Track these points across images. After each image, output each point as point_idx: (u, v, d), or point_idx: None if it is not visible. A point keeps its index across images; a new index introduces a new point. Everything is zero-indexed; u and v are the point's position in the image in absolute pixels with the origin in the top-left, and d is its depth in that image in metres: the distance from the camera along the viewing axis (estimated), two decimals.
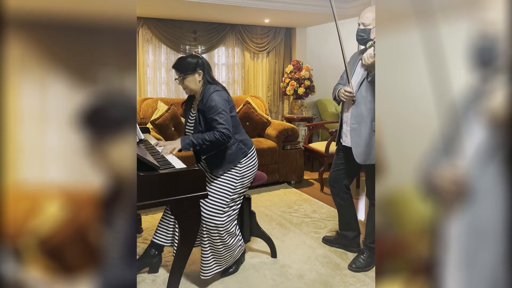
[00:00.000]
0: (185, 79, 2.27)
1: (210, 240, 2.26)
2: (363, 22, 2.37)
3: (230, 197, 2.29)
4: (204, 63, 2.31)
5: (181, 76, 2.27)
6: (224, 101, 2.24)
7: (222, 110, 2.20)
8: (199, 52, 4.87)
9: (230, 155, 2.30)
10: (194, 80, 2.28)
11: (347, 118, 2.48)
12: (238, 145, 2.33)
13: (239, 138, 2.35)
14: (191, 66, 2.26)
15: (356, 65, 2.47)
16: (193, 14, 4.39)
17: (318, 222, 3.33)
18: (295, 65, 5.14)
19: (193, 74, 2.27)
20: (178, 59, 2.32)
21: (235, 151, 2.32)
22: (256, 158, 2.44)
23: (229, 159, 2.30)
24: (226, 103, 2.26)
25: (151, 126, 3.97)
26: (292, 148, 4.39)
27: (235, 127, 2.34)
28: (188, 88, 2.31)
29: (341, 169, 2.66)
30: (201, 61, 2.30)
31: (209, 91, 2.25)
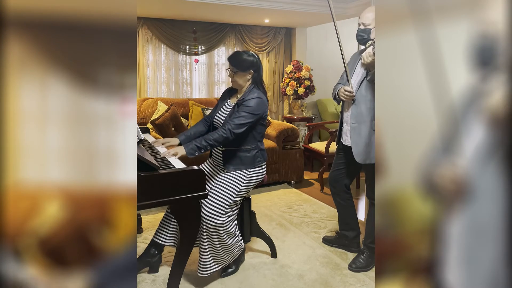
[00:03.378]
0: (236, 74, 2.31)
1: (209, 239, 2.26)
2: (363, 22, 2.37)
3: (233, 199, 2.30)
4: (258, 64, 2.34)
5: (234, 70, 2.30)
6: (262, 109, 2.28)
7: (253, 114, 2.24)
8: (199, 52, 4.88)
9: (246, 158, 2.33)
10: (244, 77, 2.32)
11: (347, 117, 2.48)
12: (257, 153, 2.36)
13: (260, 147, 2.39)
14: (246, 64, 2.29)
15: (356, 65, 2.47)
16: (193, 14, 4.39)
17: (318, 222, 3.33)
18: (295, 65, 5.14)
19: (244, 72, 2.30)
20: (235, 52, 2.35)
21: (253, 157, 2.34)
22: (265, 170, 2.47)
23: (244, 161, 2.33)
24: (261, 112, 2.28)
25: (151, 126, 3.97)
26: (292, 148, 4.39)
27: (261, 136, 2.39)
28: (237, 83, 2.35)
29: (341, 168, 2.66)
30: (256, 61, 2.33)
31: (254, 94, 2.28)
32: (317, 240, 2.96)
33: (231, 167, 2.33)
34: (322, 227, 3.23)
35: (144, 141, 2.57)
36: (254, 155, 2.35)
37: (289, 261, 2.65)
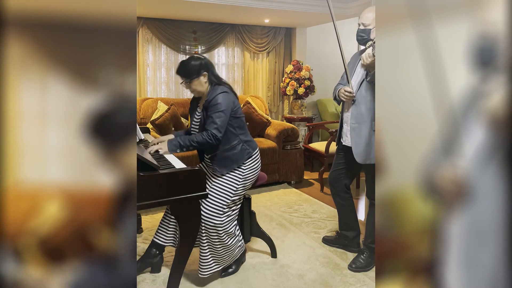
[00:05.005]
0: (192, 83, 2.27)
1: (209, 239, 2.26)
2: (363, 22, 2.37)
3: (231, 198, 2.29)
4: (207, 63, 2.29)
5: (187, 81, 2.26)
6: (229, 102, 2.23)
7: (223, 110, 2.20)
8: (199, 52, 4.87)
9: (234, 155, 2.31)
10: (200, 82, 2.27)
11: (347, 118, 2.48)
12: (243, 146, 2.33)
13: (244, 139, 2.35)
14: (195, 69, 2.24)
15: (356, 65, 2.47)
16: (193, 14, 4.39)
17: (318, 222, 3.33)
18: (295, 65, 5.14)
19: (198, 77, 2.25)
20: (181, 63, 2.29)
21: (240, 152, 2.32)
22: (260, 161, 2.44)
23: (233, 159, 2.31)
24: (232, 104, 2.25)
25: (151, 126, 3.97)
26: (292, 148, 4.39)
27: (240, 128, 2.34)
28: (196, 91, 2.31)
29: (341, 168, 2.66)
30: (204, 62, 2.28)
31: (216, 92, 2.24)
32: (317, 240, 2.96)
33: (225, 170, 2.31)
34: (322, 227, 3.23)
35: (144, 141, 2.57)
36: (241, 149, 2.32)
37: (289, 261, 2.65)
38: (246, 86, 5.30)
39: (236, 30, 5.05)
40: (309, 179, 4.66)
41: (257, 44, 5.20)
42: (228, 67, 5.21)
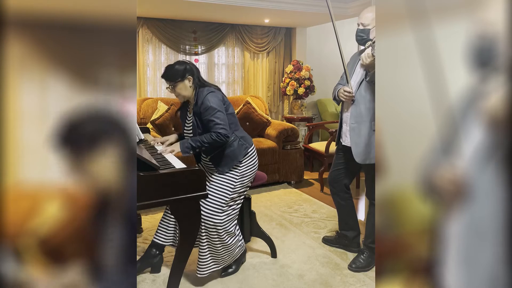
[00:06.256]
0: (176, 87, 2.28)
1: (208, 239, 2.27)
2: (362, 22, 2.37)
3: (229, 196, 2.30)
4: (192, 68, 2.31)
5: (171, 84, 2.28)
6: (219, 101, 2.26)
7: (218, 110, 2.22)
8: (199, 52, 4.88)
9: (232, 151, 2.32)
10: (185, 86, 2.29)
11: (347, 118, 2.48)
12: (239, 141, 2.35)
13: (239, 134, 2.38)
14: (180, 73, 2.26)
15: (356, 65, 2.47)
16: (193, 14, 4.39)
17: (318, 222, 3.33)
18: (295, 65, 5.14)
19: (182, 81, 2.27)
20: (166, 68, 2.31)
21: (237, 147, 2.33)
22: (257, 158, 2.45)
23: (232, 156, 2.32)
24: (221, 102, 2.28)
25: (151, 126, 3.97)
26: (292, 148, 4.39)
27: (234, 125, 2.37)
28: (181, 95, 2.32)
29: (341, 168, 2.66)
30: (189, 66, 2.30)
31: (203, 94, 2.26)
32: (317, 240, 2.96)
33: (225, 168, 2.33)
34: (322, 227, 3.23)
35: (144, 141, 2.57)
36: (238, 145, 2.34)
37: (289, 261, 2.65)
38: (246, 86, 5.31)
39: (236, 30, 5.05)
40: (309, 179, 4.67)
41: (257, 44, 5.20)
42: (228, 67, 5.21)
